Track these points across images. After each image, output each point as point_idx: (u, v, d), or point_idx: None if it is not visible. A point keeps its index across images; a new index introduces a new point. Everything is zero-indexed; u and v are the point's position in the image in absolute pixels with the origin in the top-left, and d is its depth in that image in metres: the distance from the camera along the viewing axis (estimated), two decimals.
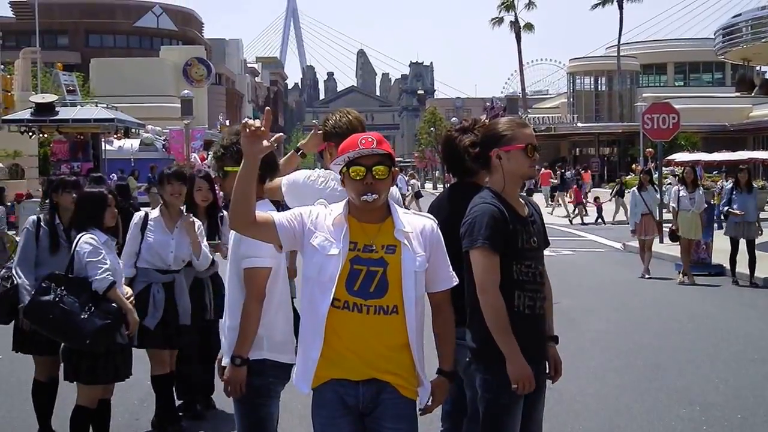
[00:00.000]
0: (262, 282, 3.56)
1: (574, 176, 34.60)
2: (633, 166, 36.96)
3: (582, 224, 25.52)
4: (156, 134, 34.13)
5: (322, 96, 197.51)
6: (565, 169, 40.80)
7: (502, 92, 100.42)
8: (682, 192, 13.28)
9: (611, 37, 72.38)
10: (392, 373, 3.07)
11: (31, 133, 26.80)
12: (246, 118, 3.00)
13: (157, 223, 5.67)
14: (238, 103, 75.22)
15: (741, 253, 12.65)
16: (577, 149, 59.64)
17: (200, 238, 5.70)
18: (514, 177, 3.51)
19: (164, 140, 33.64)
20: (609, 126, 55.61)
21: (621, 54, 53.67)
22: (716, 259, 14.00)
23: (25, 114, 26.48)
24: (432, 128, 72.75)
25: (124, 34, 69.78)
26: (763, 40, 41.69)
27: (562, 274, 12.12)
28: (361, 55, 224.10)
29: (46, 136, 28.69)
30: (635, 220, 14.06)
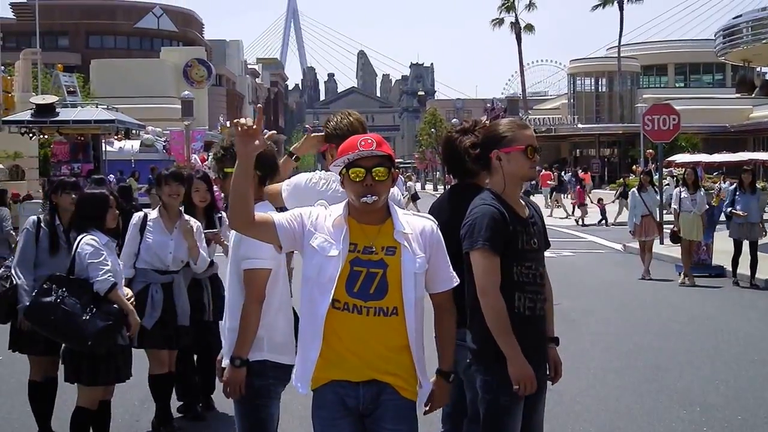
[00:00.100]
0: (262, 283, 3.57)
1: (572, 177, 34.59)
2: (633, 167, 36.97)
3: (582, 225, 25.52)
4: (156, 135, 34.09)
5: (322, 97, 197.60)
6: (566, 171, 40.80)
7: (502, 93, 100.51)
8: (684, 193, 13.28)
9: (612, 39, 72.58)
10: (392, 375, 3.08)
11: (31, 135, 26.78)
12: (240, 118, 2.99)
13: (155, 224, 5.68)
14: (238, 104, 75.26)
15: (743, 255, 12.65)
16: (578, 150, 59.70)
17: (199, 242, 5.70)
18: (514, 178, 3.51)
19: (165, 141, 33.61)
20: (609, 127, 55.68)
21: (621, 55, 53.74)
22: (717, 261, 14.01)
23: (26, 115, 26.46)
24: (432, 129, 72.68)
25: (125, 35, 69.77)
26: (764, 41, 41.69)
27: (562, 276, 12.11)
28: (362, 56, 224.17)
29: (46, 137, 28.67)
30: (635, 221, 14.06)
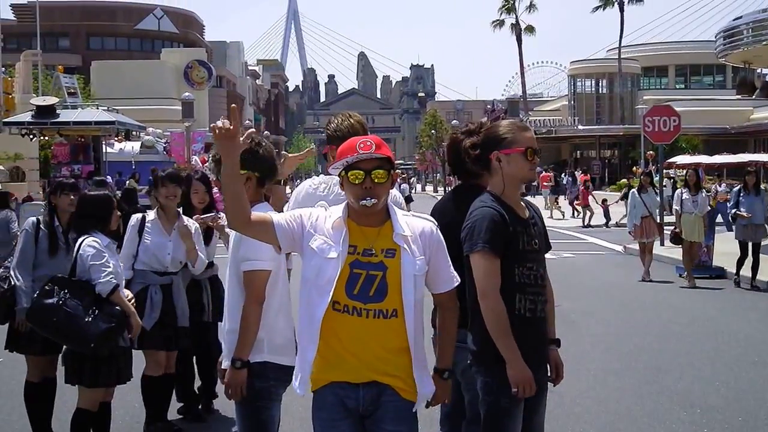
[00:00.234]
0: (262, 285, 3.57)
1: (569, 178, 34.57)
2: (634, 168, 36.99)
3: (588, 227, 25.50)
4: (157, 137, 34.11)
5: (323, 98, 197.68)
6: (565, 172, 40.78)
7: (503, 95, 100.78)
8: (685, 194, 13.27)
9: (612, 40, 72.49)
10: (392, 376, 3.08)
11: (31, 136, 26.80)
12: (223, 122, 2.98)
13: (154, 226, 5.68)
14: (239, 105, 75.26)
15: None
16: (578, 152, 59.75)
17: (197, 243, 5.70)
18: (514, 180, 3.51)
19: (165, 143, 33.63)
20: (610, 128, 55.72)
21: (622, 56, 53.78)
22: (717, 262, 14.01)
23: (26, 116, 26.50)
24: (433, 131, 72.71)
25: (125, 37, 69.81)
26: (764, 42, 41.75)
27: (562, 277, 12.10)
28: (362, 57, 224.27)
29: (46, 138, 28.70)
30: (634, 222, 14.05)
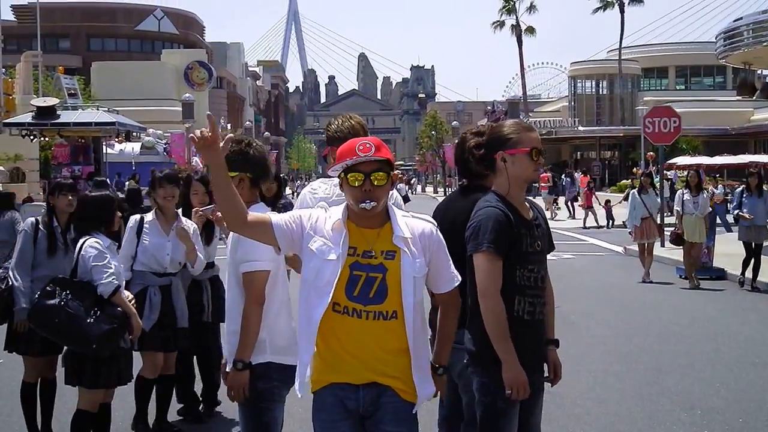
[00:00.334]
0: (261, 285, 3.56)
1: (566, 178, 34.51)
2: (634, 169, 36.99)
3: (584, 228, 25.51)
4: (157, 138, 34.17)
5: (323, 99, 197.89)
6: (565, 173, 40.73)
7: (503, 96, 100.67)
8: (686, 195, 13.25)
9: (612, 41, 72.49)
10: (392, 377, 3.08)
11: (32, 137, 26.82)
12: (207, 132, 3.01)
13: (152, 226, 5.67)
14: (239, 106, 75.29)
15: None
16: (578, 153, 59.74)
17: (196, 244, 5.69)
18: (519, 180, 3.50)
19: (165, 144, 33.67)
20: (610, 130, 55.72)
21: (622, 58, 53.76)
22: (717, 263, 14.00)
23: (27, 117, 26.50)
24: (433, 132, 72.73)
25: (126, 38, 69.86)
26: (765, 43, 41.70)
27: (563, 278, 12.09)
28: (363, 58, 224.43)
29: (47, 139, 28.72)
30: (634, 223, 14.03)
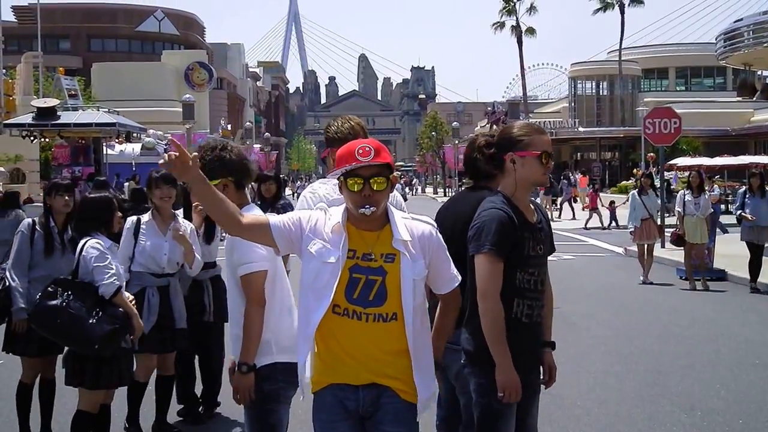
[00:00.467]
0: (260, 286, 3.56)
1: (563, 179, 34.51)
2: (635, 170, 36.98)
3: (585, 228, 25.51)
4: (157, 138, 34.18)
5: (323, 100, 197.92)
6: (563, 176, 40.72)
7: (503, 97, 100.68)
8: (688, 196, 13.23)
9: (613, 42, 72.58)
10: (392, 378, 3.08)
11: (32, 138, 26.82)
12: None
13: (149, 227, 5.66)
14: (239, 107, 75.32)
15: (746, 258, 12.60)
16: (579, 154, 59.73)
17: (194, 244, 5.69)
18: (526, 183, 3.47)
19: (166, 144, 33.67)
20: (610, 130, 55.69)
21: (622, 58, 53.75)
22: (718, 264, 14.00)
23: (27, 118, 26.51)
24: (433, 133, 72.76)
25: (126, 39, 69.89)
26: (765, 44, 41.75)
27: (563, 279, 12.10)
28: (363, 59, 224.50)
29: (47, 140, 28.72)
30: (635, 224, 14.02)
